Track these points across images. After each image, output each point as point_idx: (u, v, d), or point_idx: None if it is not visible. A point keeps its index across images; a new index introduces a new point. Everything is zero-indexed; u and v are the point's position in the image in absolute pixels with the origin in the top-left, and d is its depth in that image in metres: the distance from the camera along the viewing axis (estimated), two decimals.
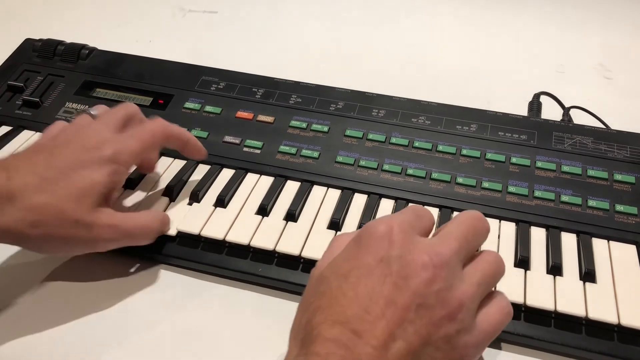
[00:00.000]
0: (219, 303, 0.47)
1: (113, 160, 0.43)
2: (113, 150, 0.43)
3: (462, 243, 0.34)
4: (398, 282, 0.32)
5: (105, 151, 0.43)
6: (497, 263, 0.36)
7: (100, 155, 0.43)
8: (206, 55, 0.71)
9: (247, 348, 0.43)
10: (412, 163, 0.54)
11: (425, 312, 0.31)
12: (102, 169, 0.43)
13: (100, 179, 0.42)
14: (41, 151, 0.43)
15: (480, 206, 0.50)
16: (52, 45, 0.66)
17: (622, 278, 0.45)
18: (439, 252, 0.33)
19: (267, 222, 0.49)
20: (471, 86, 0.72)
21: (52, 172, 0.41)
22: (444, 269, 0.32)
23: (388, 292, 0.32)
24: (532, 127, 0.57)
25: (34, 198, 0.40)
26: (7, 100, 0.62)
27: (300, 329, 0.33)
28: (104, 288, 0.47)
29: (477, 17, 0.87)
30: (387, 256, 0.33)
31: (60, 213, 0.40)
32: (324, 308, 0.32)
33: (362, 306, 0.31)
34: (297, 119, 0.58)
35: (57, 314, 0.45)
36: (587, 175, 0.52)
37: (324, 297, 0.33)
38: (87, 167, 0.42)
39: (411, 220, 0.36)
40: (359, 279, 0.32)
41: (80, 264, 0.49)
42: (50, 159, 0.42)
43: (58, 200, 0.40)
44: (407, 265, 0.32)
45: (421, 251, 0.33)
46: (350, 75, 0.74)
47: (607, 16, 0.87)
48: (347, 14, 0.88)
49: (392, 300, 0.31)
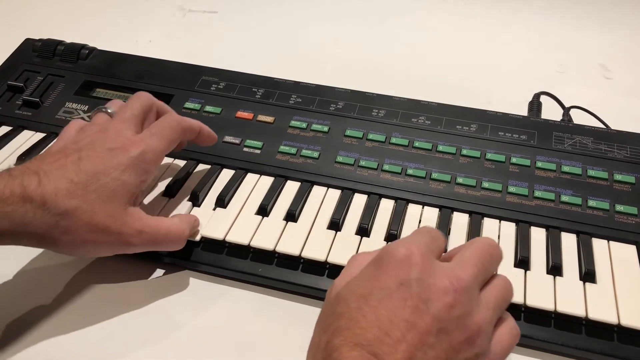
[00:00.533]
0: (219, 303, 0.47)
1: (141, 160, 0.43)
2: (140, 151, 0.43)
3: (480, 269, 0.35)
4: (419, 305, 0.32)
5: (132, 152, 0.43)
6: (507, 287, 0.36)
7: (128, 157, 0.43)
8: (206, 55, 0.71)
9: (247, 348, 0.43)
10: (412, 163, 0.54)
11: (445, 336, 0.31)
12: (131, 170, 0.43)
13: (129, 180, 0.43)
14: (68, 155, 0.42)
15: (480, 206, 0.50)
16: (52, 45, 0.66)
17: (622, 278, 0.45)
18: (460, 277, 0.33)
19: (267, 222, 0.49)
20: (471, 86, 0.72)
21: (82, 176, 0.41)
22: (464, 294, 0.33)
23: (409, 315, 0.31)
24: (532, 127, 0.57)
25: (66, 203, 0.40)
26: (7, 100, 0.62)
27: (319, 350, 0.33)
28: (103, 288, 0.47)
29: (478, 17, 0.87)
30: (408, 279, 0.33)
31: (91, 218, 0.40)
32: (343, 329, 0.32)
33: (382, 329, 0.31)
34: (297, 119, 0.58)
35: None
36: (587, 176, 0.52)
37: (342, 318, 0.33)
38: (116, 170, 0.42)
39: (428, 243, 0.36)
40: (379, 301, 0.32)
41: (80, 265, 0.49)
42: (79, 162, 0.42)
43: (89, 204, 0.40)
44: (428, 289, 0.32)
45: (442, 275, 0.33)
46: (350, 75, 0.74)
47: (608, 16, 0.87)
48: (347, 14, 0.88)
49: (413, 324, 0.31)
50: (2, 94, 0.62)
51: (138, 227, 0.43)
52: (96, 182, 0.41)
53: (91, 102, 0.61)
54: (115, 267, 0.49)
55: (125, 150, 0.43)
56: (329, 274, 0.47)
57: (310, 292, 0.46)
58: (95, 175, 0.41)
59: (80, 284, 0.48)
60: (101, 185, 0.41)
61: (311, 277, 0.47)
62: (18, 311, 0.45)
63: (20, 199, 0.39)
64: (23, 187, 0.39)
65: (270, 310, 0.46)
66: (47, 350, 0.43)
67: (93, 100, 0.61)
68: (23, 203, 0.39)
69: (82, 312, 0.46)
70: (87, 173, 0.41)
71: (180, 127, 0.47)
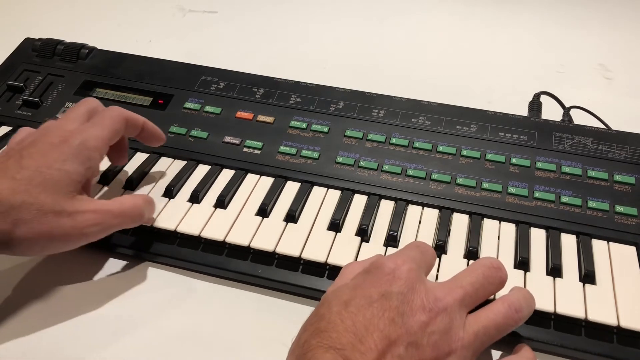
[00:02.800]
0: (219, 304, 0.47)
1: (82, 149, 0.44)
2: (80, 140, 0.44)
3: (469, 291, 0.36)
4: (395, 318, 0.33)
5: (72, 142, 0.44)
6: (506, 315, 0.37)
7: (69, 147, 0.43)
8: (206, 55, 0.71)
9: (247, 348, 0.43)
10: (412, 164, 0.54)
11: (415, 351, 0.33)
12: (73, 159, 0.43)
13: (73, 168, 0.43)
14: (11, 156, 0.43)
15: (480, 207, 0.50)
16: (52, 44, 0.66)
17: (621, 280, 0.45)
18: (439, 298, 0.35)
19: (267, 223, 0.49)
20: (471, 86, 0.72)
21: (24, 173, 0.41)
22: (440, 315, 0.34)
23: (384, 326, 0.33)
24: (532, 127, 0.57)
25: (10, 199, 0.40)
26: (6, 100, 0.62)
27: (298, 346, 0.35)
28: (104, 289, 0.47)
29: (478, 17, 0.87)
30: (390, 292, 0.34)
31: (39, 208, 0.41)
32: (322, 331, 0.34)
33: (357, 335, 0.33)
34: (297, 119, 0.58)
35: (54, 316, 0.45)
36: (587, 176, 0.52)
37: (323, 320, 0.34)
38: (57, 161, 0.43)
39: (416, 257, 0.37)
40: (359, 308, 0.34)
41: (81, 266, 0.49)
42: (20, 160, 0.42)
43: (35, 198, 0.41)
44: (406, 304, 0.34)
45: (422, 293, 0.35)
46: (350, 75, 0.73)
47: (607, 16, 0.87)
48: (347, 14, 0.88)
49: (386, 335, 0.33)
50: (1, 93, 0.62)
51: (90, 207, 0.43)
52: (39, 175, 0.41)
53: None
54: (112, 265, 0.49)
55: (66, 141, 0.44)
56: (329, 275, 0.47)
57: (310, 293, 0.46)
58: (38, 170, 0.42)
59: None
60: (45, 178, 0.42)
61: (311, 279, 0.47)
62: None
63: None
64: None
65: (270, 312, 0.46)
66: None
67: None
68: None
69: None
70: (29, 168, 0.42)
71: (122, 117, 0.48)
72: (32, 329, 0.44)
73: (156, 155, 0.56)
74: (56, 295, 0.47)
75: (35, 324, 0.45)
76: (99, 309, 0.46)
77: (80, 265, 0.49)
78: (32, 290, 0.47)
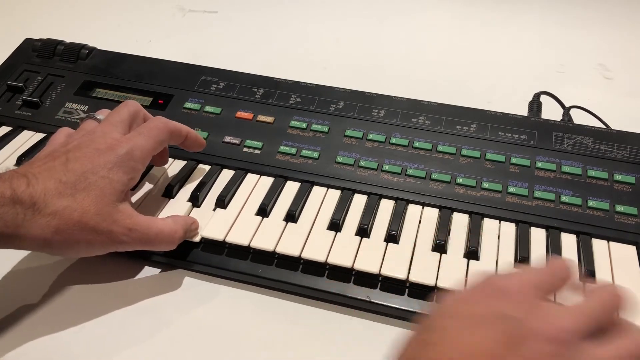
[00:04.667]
0: (219, 304, 0.47)
1: (128, 159, 0.44)
2: (127, 149, 0.44)
3: (593, 319, 0.32)
4: (511, 344, 0.30)
5: (119, 151, 0.44)
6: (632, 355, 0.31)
7: (115, 156, 0.43)
8: (206, 55, 0.71)
9: (247, 348, 0.43)
10: (412, 163, 0.54)
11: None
12: (118, 169, 0.43)
13: (117, 178, 0.43)
14: (56, 157, 0.43)
15: (480, 206, 0.50)
16: (52, 45, 0.66)
17: (621, 279, 0.45)
18: (566, 328, 0.30)
19: (267, 223, 0.49)
20: (471, 86, 0.72)
21: (70, 176, 0.41)
22: (569, 348, 0.30)
23: (497, 350, 0.30)
24: (532, 127, 0.57)
25: (55, 203, 0.40)
26: (6, 101, 0.62)
27: (404, 357, 0.32)
28: (107, 289, 0.47)
29: (477, 17, 0.87)
30: (507, 314, 0.31)
31: (81, 216, 0.41)
32: (432, 344, 0.31)
33: (464, 354, 0.30)
34: (297, 119, 0.58)
35: (62, 317, 0.45)
36: (587, 176, 0.52)
37: (435, 332, 0.32)
38: (103, 168, 0.43)
39: (544, 281, 0.34)
40: (474, 327, 0.31)
41: (80, 266, 0.49)
42: (67, 163, 0.42)
43: (79, 203, 0.41)
44: (527, 331, 0.30)
45: (547, 321, 0.31)
46: (350, 75, 0.74)
47: (607, 16, 0.87)
48: (347, 14, 0.88)
49: (496, 358, 0.29)
50: (1, 94, 0.62)
51: (128, 225, 0.43)
52: (84, 181, 0.42)
53: (91, 102, 0.61)
54: (114, 267, 0.49)
55: (113, 149, 0.44)
56: (329, 274, 0.47)
57: (310, 292, 0.46)
58: (84, 175, 0.42)
59: (69, 283, 0.48)
60: (90, 184, 0.42)
61: (311, 278, 0.46)
62: (5, 312, 0.45)
63: (10, 201, 0.39)
64: (12, 190, 0.39)
65: (270, 311, 0.46)
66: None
67: (93, 101, 0.61)
68: (13, 205, 0.39)
69: (75, 310, 0.46)
70: (75, 173, 0.42)
71: (167, 128, 0.48)
72: (42, 333, 0.44)
73: None
74: (58, 297, 0.47)
75: (43, 324, 0.45)
76: (94, 308, 0.46)
77: (81, 264, 0.49)
78: (40, 290, 0.47)
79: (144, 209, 0.51)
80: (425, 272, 0.45)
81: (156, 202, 0.51)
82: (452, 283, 0.44)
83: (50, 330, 0.44)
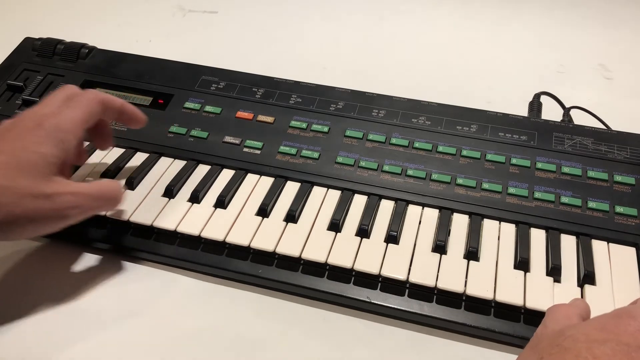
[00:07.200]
0: (219, 304, 0.47)
1: (56, 131, 0.44)
2: (54, 122, 0.44)
3: None
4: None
5: (46, 125, 0.44)
6: None
7: (43, 129, 0.43)
8: (206, 55, 0.70)
9: (246, 349, 0.43)
10: (412, 164, 0.54)
11: None
12: (48, 141, 0.43)
13: (48, 150, 0.43)
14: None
15: (480, 207, 0.50)
16: (52, 44, 0.66)
17: (621, 280, 0.45)
18: None
19: (267, 223, 0.49)
20: (471, 86, 0.72)
21: (1, 157, 0.42)
22: None
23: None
24: (532, 127, 0.57)
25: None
26: (6, 100, 0.62)
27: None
28: (98, 288, 0.48)
29: (478, 17, 0.87)
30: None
31: (16, 191, 0.41)
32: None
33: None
34: (297, 119, 0.58)
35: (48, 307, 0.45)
36: (587, 177, 0.52)
37: (568, 353, 0.32)
38: (33, 144, 0.43)
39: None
40: (614, 351, 0.31)
41: (80, 265, 0.49)
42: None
43: (11, 180, 0.41)
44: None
45: None
46: (350, 75, 0.73)
47: (608, 16, 0.87)
48: (347, 14, 0.88)
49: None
50: (1, 93, 0.62)
51: (67, 189, 0.43)
52: (15, 159, 0.42)
53: None
54: (106, 263, 0.49)
55: (40, 125, 0.44)
56: (329, 275, 0.47)
57: (310, 293, 0.46)
58: (13, 153, 0.42)
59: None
60: (21, 161, 0.42)
61: (311, 279, 0.47)
62: None
63: None
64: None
65: (270, 312, 0.46)
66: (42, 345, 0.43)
67: None
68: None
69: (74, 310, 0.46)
70: (5, 152, 0.42)
71: (98, 99, 0.48)
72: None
73: (156, 155, 0.56)
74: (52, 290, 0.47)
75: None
76: (94, 309, 0.46)
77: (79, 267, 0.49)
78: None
79: (144, 208, 0.51)
80: (425, 273, 0.45)
81: (156, 202, 0.51)
82: (452, 284, 0.44)
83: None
